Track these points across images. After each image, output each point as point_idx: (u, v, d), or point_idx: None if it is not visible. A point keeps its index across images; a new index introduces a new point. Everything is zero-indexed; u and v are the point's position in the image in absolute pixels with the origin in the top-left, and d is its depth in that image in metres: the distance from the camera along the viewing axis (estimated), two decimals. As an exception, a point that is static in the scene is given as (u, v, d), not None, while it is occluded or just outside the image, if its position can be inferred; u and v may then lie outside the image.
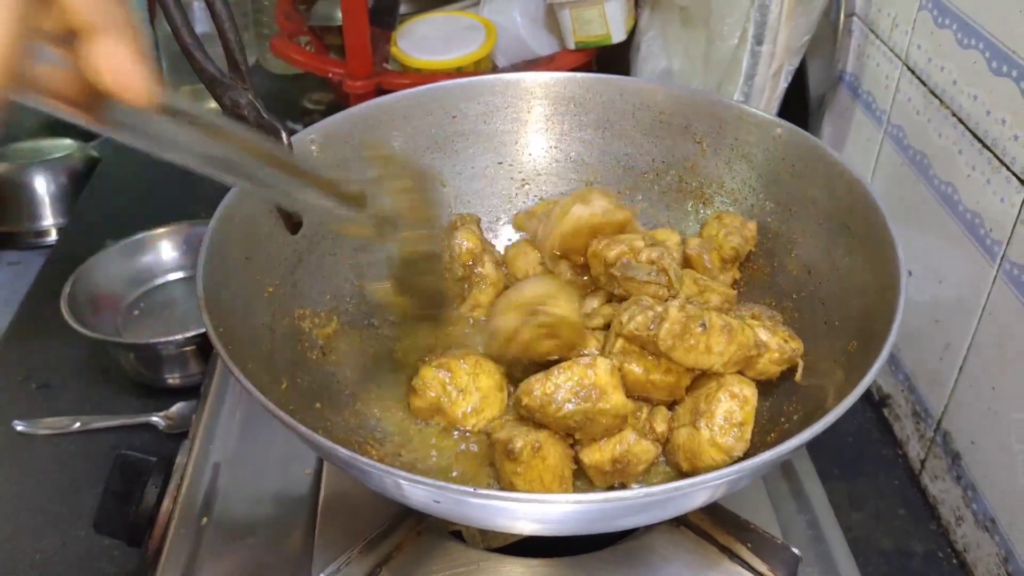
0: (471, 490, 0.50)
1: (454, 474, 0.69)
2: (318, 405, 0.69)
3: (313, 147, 0.78)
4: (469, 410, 0.71)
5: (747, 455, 0.63)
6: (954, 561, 0.83)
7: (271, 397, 0.56)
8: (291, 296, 0.75)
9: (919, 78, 0.86)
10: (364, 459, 0.52)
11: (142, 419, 0.95)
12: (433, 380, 0.71)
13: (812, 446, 0.81)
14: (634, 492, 0.51)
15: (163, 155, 0.44)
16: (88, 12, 0.33)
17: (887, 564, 0.83)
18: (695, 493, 0.56)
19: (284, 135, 0.70)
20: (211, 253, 0.65)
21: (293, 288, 0.75)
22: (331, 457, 0.57)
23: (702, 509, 0.68)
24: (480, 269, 0.81)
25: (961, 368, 0.82)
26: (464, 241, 0.81)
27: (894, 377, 0.95)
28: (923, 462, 0.89)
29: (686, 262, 0.79)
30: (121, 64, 0.34)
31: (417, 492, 0.53)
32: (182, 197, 1.28)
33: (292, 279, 0.75)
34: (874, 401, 0.98)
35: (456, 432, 0.71)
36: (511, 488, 0.64)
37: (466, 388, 0.71)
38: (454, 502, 0.53)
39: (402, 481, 0.52)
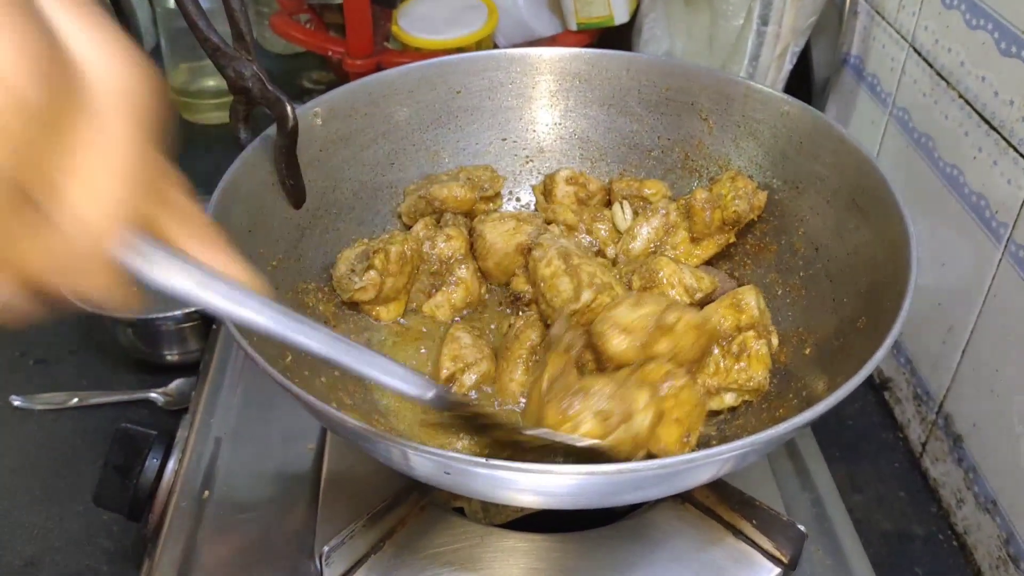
0: (483, 460, 0.49)
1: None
2: (322, 379, 0.68)
3: (317, 120, 0.77)
4: None
5: (756, 430, 0.63)
6: (954, 543, 0.83)
7: (277, 370, 0.55)
8: (295, 270, 0.74)
9: (926, 60, 0.86)
10: (374, 429, 0.52)
11: (140, 395, 0.94)
12: None
13: (813, 429, 0.81)
14: (644, 464, 0.51)
15: None
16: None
17: (887, 546, 0.83)
18: (702, 467, 0.56)
19: (288, 107, 0.69)
20: (215, 222, 0.64)
21: (297, 262, 0.74)
22: (340, 428, 0.57)
23: (707, 486, 0.68)
24: (460, 272, 0.79)
25: (964, 351, 0.82)
26: (451, 241, 0.79)
27: (895, 360, 0.95)
28: (924, 445, 0.89)
29: (688, 213, 0.79)
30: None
31: (426, 463, 0.52)
32: (179, 173, 1.27)
33: (296, 253, 0.75)
34: (875, 385, 0.98)
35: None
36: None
37: None
38: (464, 473, 0.52)
39: (410, 451, 0.52)
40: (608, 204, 0.85)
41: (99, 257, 0.28)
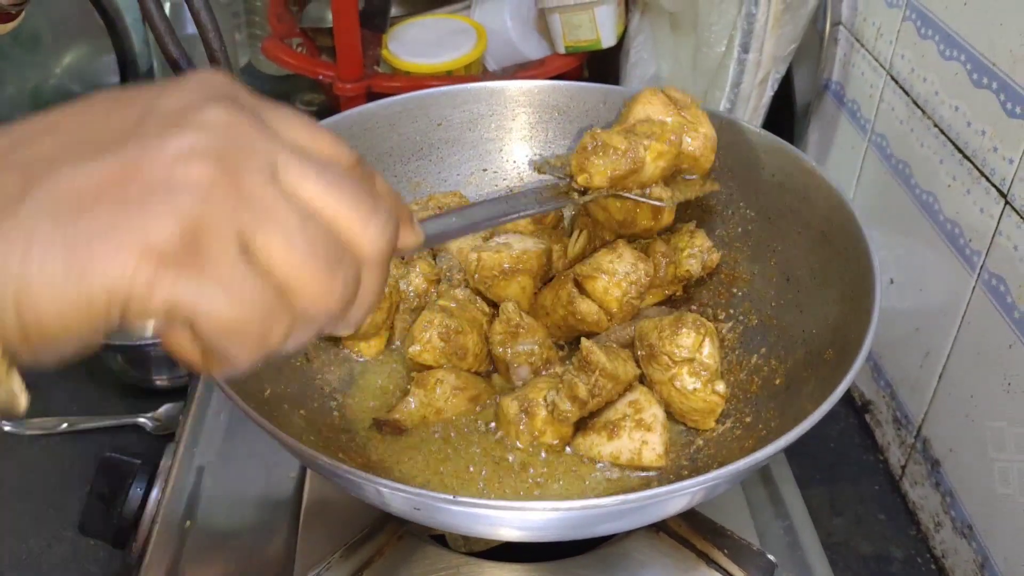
0: (451, 497, 0.51)
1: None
2: (302, 412, 0.69)
3: (299, 153, 0.78)
4: None
5: (725, 462, 0.64)
6: (932, 567, 0.84)
7: (254, 404, 0.56)
8: (276, 301, 0.75)
9: (902, 88, 0.87)
10: (345, 467, 0.53)
11: (130, 420, 0.95)
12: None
13: (794, 451, 0.82)
14: (613, 499, 0.52)
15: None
16: None
17: (866, 569, 0.83)
18: (673, 499, 0.57)
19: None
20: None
21: (278, 293, 0.75)
22: (313, 464, 0.58)
23: (680, 515, 0.69)
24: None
25: (941, 376, 0.82)
26: (422, 273, 0.80)
27: (876, 383, 0.96)
28: (903, 468, 0.90)
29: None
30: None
31: (397, 499, 0.54)
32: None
33: (277, 284, 0.75)
34: (856, 407, 0.99)
35: (437, 434, 0.71)
36: None
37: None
38: (434, 509, 0.54)
39: (383, 489, 0.53)
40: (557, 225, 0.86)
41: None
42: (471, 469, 0.68)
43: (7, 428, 0.94)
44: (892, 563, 0.84)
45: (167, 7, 1.34)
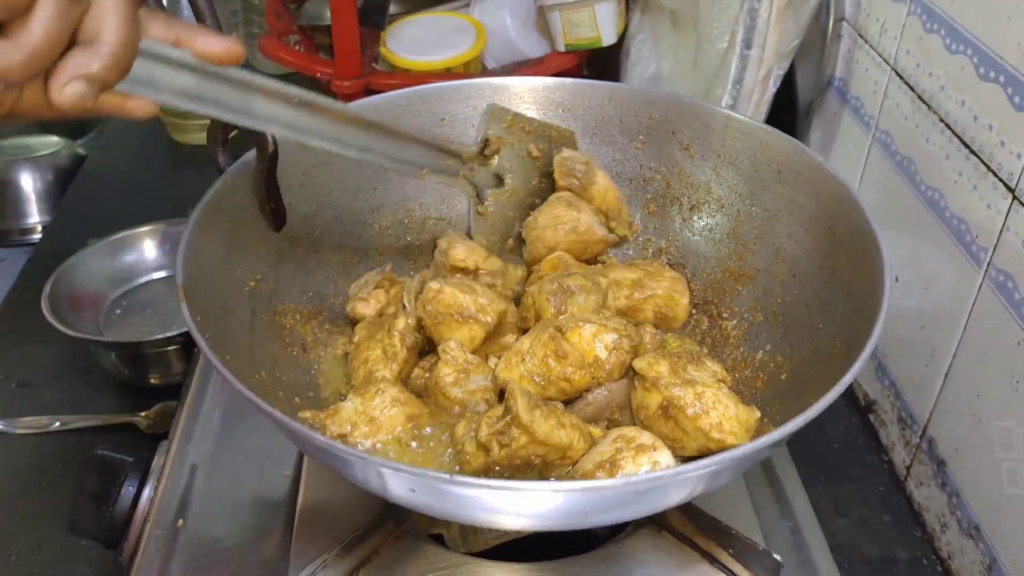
0: (447, 476, 0.49)
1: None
2: (297, 400, 0.68)
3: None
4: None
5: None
6: (938, 568, 0.83)
7: (246, 386, 0.55)
8: (273, 292, 0.74)
9: (907, 83, 0.86)
10: (340, 446, 0.52)
11: (123, 418, 0.94)
12: None
13: (798, 452, 0.81)
14: (616, 481, 0.51)
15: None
16: None
17: (871, 570, 0.82)
18: (676, 482, 0.55)
19: (269, 136, 0.69)
20: (191, 245, 0.64)
21: (275, 284, 0.74)
22: (307, 445, 0.57)
23: (684, 513, 0.68)
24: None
25: (947, 375, 0.81)
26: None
27: (880, 383, 0.94)
28: (908, 468, 0.89)
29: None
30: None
31: (393, 479, 0.52)
32: (168, 195, 1.28)
33: (274, 275, 0.75)
34: (860, 407, 0.98)
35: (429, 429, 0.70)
36: None
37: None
38: (430, 489, 0.52)
39: (382, 468, 0.51)
40: None
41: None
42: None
43: (-2, 427, 0.93)
44: (897, 564, 0.83)
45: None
